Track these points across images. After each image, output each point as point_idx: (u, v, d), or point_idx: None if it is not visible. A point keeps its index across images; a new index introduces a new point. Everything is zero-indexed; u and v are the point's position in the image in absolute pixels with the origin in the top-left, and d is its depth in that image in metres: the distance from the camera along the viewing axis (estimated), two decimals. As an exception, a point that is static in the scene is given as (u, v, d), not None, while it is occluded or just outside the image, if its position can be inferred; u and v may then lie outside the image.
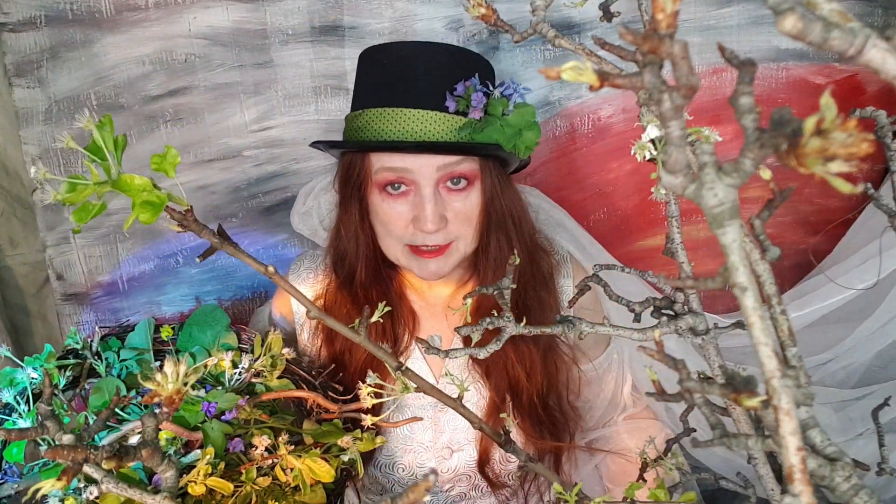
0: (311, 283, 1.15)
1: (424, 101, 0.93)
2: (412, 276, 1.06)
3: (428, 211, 0.94)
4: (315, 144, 1.03)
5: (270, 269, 0.52)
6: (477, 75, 0.95)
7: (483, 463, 1.11)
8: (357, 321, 0.57)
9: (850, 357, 1.33)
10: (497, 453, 1.12)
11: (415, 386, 0.58)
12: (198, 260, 0.51)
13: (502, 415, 0.66)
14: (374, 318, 0.58)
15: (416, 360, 1.11)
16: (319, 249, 1.19)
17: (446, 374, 0.92)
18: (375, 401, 0.62)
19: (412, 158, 0.94)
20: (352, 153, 1.00)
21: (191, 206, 0.48)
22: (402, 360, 1.04)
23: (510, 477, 1.16)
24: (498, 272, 1.03)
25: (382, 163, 0.96)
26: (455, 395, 0.60)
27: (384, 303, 0.64)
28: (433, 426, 1.12)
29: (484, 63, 1.00)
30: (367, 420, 0.65)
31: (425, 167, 0.94)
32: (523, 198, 1.07)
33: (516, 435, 1.10)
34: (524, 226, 1.05)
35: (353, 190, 1.01)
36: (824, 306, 1.32)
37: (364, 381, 0.65)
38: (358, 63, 1.03)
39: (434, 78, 0.94)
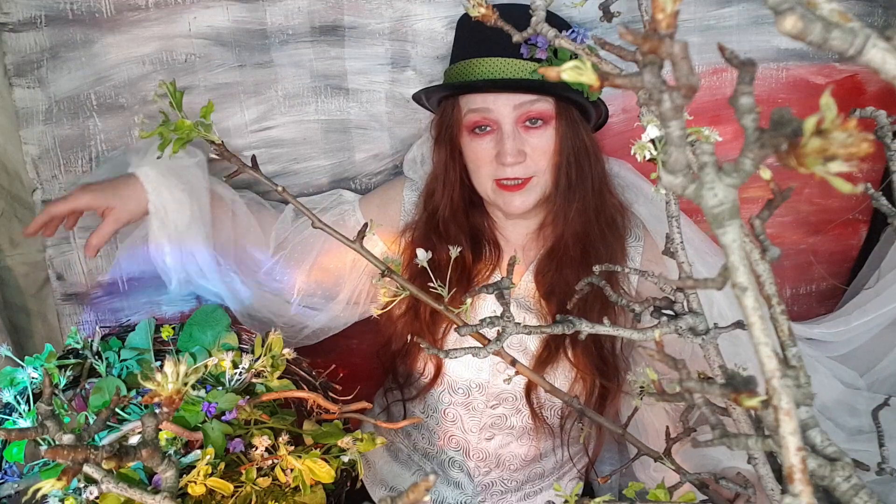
0: (413, 202, 1.26)
1: (503, 50, 1.07)
2: (497, 214, 1.20)
3: (508, 145, 1.07)
4: (417, 95, 1.18)
5: (280, 188, 0.66)
6: (545, 24, 1.04)
7: (530, 387, 1.19)
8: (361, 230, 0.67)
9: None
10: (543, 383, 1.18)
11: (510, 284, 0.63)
12: (224, 179, 0.70)
13: (462, 309, 0.69)
14: (368, 231, 0.68)
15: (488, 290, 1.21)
16: (417, 185, 1.29)
17: (514, 301, 1.15)
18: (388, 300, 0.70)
19: (492, 98, 1.07)
20: (446, 100, 1.14)
21: (223, 142, 0.66)
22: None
23: (551, 413, 1.21)
24: (563, 209, 1.14)
25: (469, 105, 1.10)
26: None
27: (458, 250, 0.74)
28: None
29: (559, 19, 1.15)
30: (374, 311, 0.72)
31: (503, 106, 1.07)
32: (599, 147, 1.17)
33: (568, 370, 1.17)
34: (594, 167, 1.15)
35: (445, 132, 1.15)
36: (886, 312, 1.31)
37: (437, 313, 0.71)
38: (456, 26, 1.20)
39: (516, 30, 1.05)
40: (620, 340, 1.19)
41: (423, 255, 0.69)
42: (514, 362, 0.65)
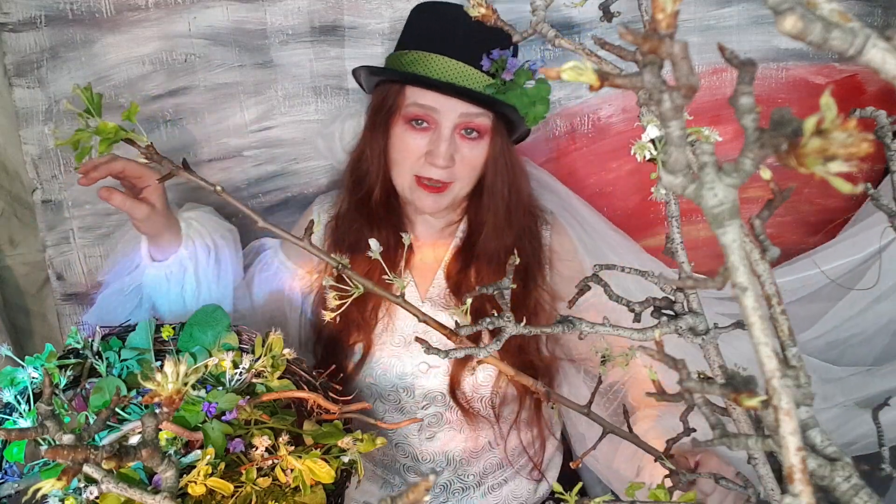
0: (327, 217, 1.28)
1: (463, 55, 1.08)
2: (410, 210, 1.22)
3: (442, 148, 1.09)
4: (357, 70, 1.18)
5: (218, 188, 0.62)
6: (511, 48, 1.10)
7: (453, 386, 1.21)
8: (341, 265, 0.66)
9: (835, 335, 1.35)
10: (468, 378, 1.21)
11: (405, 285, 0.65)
12: (158, 181, 0.68)
13: (461, 309, 0.69)
14: (316, 227, 0.69)
15: (408, 287, 1.25)
16: (331, 194, 1.31)
17: (428, 300, 1.19)
18: (339, 302, 0.68)
19: (443, 100, 1.08)
20: (388, 87, 1.14)
21: (151, 143, 0.64)
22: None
23: (483, 404, 1.23)
24: (497, 217, 1.17)
25: (415, 98, 1.10)
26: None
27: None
28: (407, 344, 1.22)
29: (513, 42, 1.12)
30: (328, 315, 0.71)
31: (450, 110, 1.09)
32: (522, 162, 1.21)
33: (490, 368, 1.18)
34: (522, 184, 1.20)
35: (382, 118, 1.14)
36: (805, 276, 1.34)
37: (364, 294, 0.74)
38: (411, 12, 1.19)
39: (475, 39, 1.09)
40: (545, 338, 1.22)
41: (375, 246, 0.68)
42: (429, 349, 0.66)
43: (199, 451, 0.83)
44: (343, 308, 0.69)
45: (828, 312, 1.35)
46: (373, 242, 0.69)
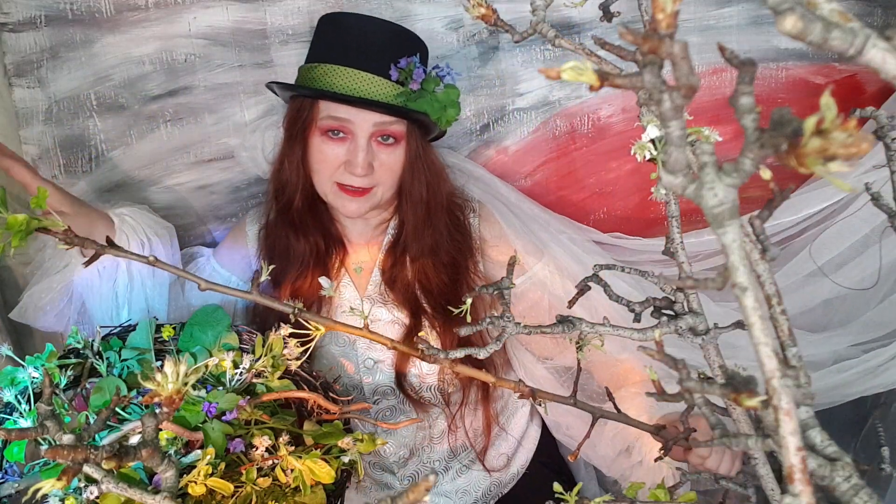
0: (257, 226, 1.31)
1: (372, 66, 1.10)
2: (339, 215, 1.24)
3: (360, 158, 1.12)
4: (270, 85, 1.19)
5: (151, 258, 0.62)
6: (418, 55, 1.13)
7: (399, 377, 1.25)
8: (295, 307, 0.66)
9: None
10: (413, 369, 1.25)
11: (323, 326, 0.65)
12: (83, 266, 0.66)
13: (421, 333, 0.69)
14: (262, 278, 0.68)
15: (346, 284, 1.27)
16: (259, 209, 1.34)
17: (367, 298, 1.22)
18: (303, 347, 0.69)
19: (355, 112, 1.11)
20: (302, 99, 1.16)
21: (68, 227, 0.61)
22: (333, 282, 1.23)
23: (432, 392, 1.26)
24: (417, 219, 1.20)
25: (329, 111, 1.12)
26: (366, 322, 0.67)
27: (271, 266, 0.73)
28: (356, 340, 1.25)
29: (423, 45, 1.19)
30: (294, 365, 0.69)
31: (364, 121, 1.11)
32: (441, 160, 1.25)
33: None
34: (442, 182, 1.23)
35: (299, 130, 1.17)
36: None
37: (298, 298, 0.72)
38: (318, 24, 1.19)
39: (383, 49, 1.12)
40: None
41: (327, 284, 0.69)
42: (393, 346, 0.67)
43: (199, 451, 0.83)
44: (308, 353, 0.70)
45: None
46: (324, 281, 0.70)
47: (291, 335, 0.70)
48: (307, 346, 0.68)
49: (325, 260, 1.24)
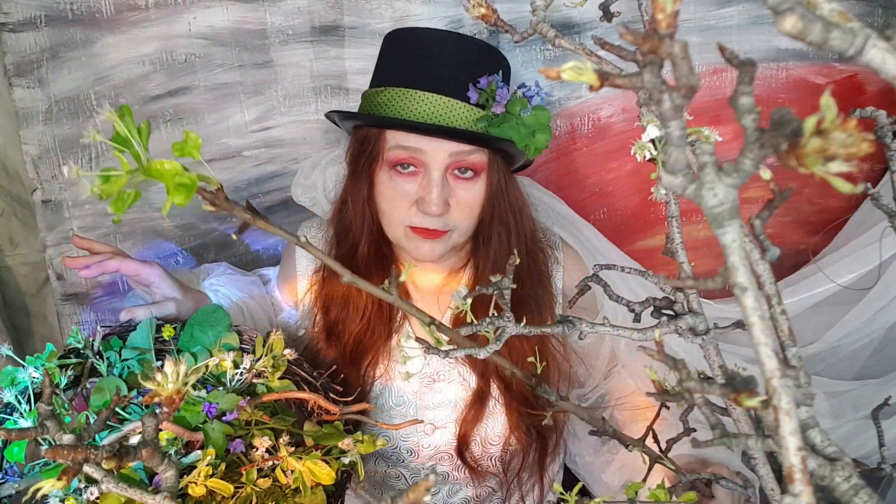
0: (305, 255, 1.18)
1: (447, 89, 0.96)
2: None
3: (434, 194, 0.97)
4: (330, 115, 1.06)
5: (303, 238, 0.52)
6: (500, 73, 0.98)
7: (462, 445, 1.13)
8: (387, 281, 0.57)
9: (839, 345, 1.35)
10: (477, 437, 1.13)
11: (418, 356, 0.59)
12: (234, 236, 0.54)
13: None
14: (402, 278, 0.58)
15: (409, 340, 1.16)
16: (315, 222, 1.22)
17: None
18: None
19: (427, 140, 0.96)
20: (367, 128, 1.02)
21: (221, 185, 0.48)
22: (395, 336, 1.11)
23: (492, 462, 1.16)
24: (495, 266, 1.06)
25: (398, 141, 0.98)
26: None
27: (396, 269, 0.65)
28: (417, 400, 1.14)
29: (505, 61, 1.03)
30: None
31: (438, 151, 0.96)
32: (526, 194, 1.10)
33: (503, 422, 1.12)
34: (525, 223, 1.08)
35: (364, 164, 1.03)
36: (815, 294, 1.34)
37: (358, 351, 0.64)
38: (384, 42, 1.05)
39: (459, 68, 0.97)
40: (556, 384, 1.14)
41: (403, 274, 0.64)
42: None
43: (199, 452, 0.83)
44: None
45: (837, 323, 1.35)
46: (395, 270, 0.63)
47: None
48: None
49: (389, 312, 1.10)
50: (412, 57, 0.99)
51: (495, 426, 1.12)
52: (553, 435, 1.15)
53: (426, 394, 1.14)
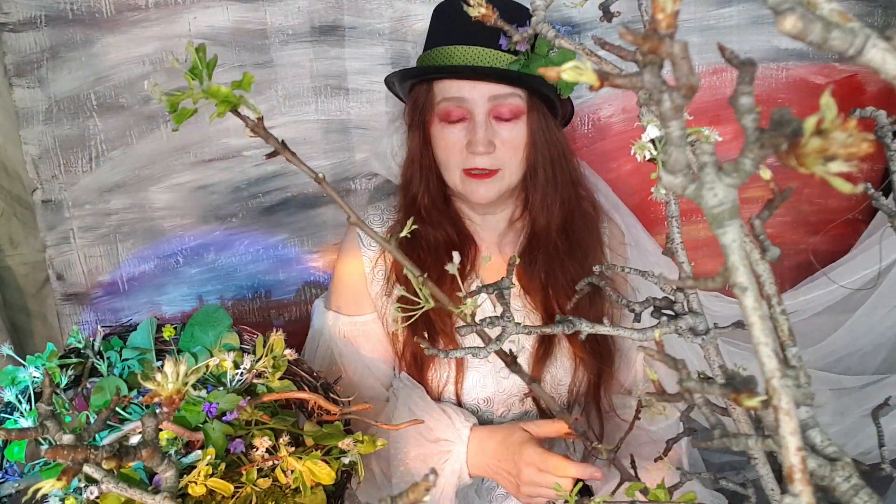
0: (379, 224, 1.22)
1: (481, 39, 1.07)
2: (468, 208, 1.20)
3: (479, 135, 1.07)
4: (389, 78, 1.16)
5: (321, 175, 0.55)
6: (528, 23, 1.03)
7: (534, 394, 1.18)
8: (420, 277, 0.59)
9: (847, 345, 1.35)
10: (548, 376, 1.19)
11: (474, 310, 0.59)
12: (265, 157, 0.57)
13: (511, 342, 0.66)
14: (404, 232, 0.61)
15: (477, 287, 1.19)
16: (380, 202, 1.25)
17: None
18: (405, 314, 0.62)
19: (468, 87, 1.07)
20: (418, 87, 1.14)
21: (262, 115, 0.54)
22: (466, 283, 1.17)
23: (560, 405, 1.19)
24: (546, 199, 1.15)
25: (443, 93, 1.10)
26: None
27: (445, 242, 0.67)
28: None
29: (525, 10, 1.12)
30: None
31: (479, 96, 1.07)
32: (568, 143, 1.18)
33: (567, 361, 1.18)
34: (570, 164, 1.17)
35: (418, 119, 1.14)
36: (825, 293, 1.34)
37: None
38: (432, 17, 1.16)
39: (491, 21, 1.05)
40: (611, 316, 1.20)
41: (456, 259, 0.62)
42: (514, 360, 0.63)
43: (199, 452, 0.83)
44: (412, 319, 0.62)
45: (845, 323, 1.36)
46: (455, 256, 0.62)
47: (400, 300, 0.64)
48: (412, 315, 0.62)
49: (462, 252, 1.16)
50: (452, 20, 1.12)
51: (563, 361, 1.19)
52: (608, 361, 1.20)
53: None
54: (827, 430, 0.45)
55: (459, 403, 1.20)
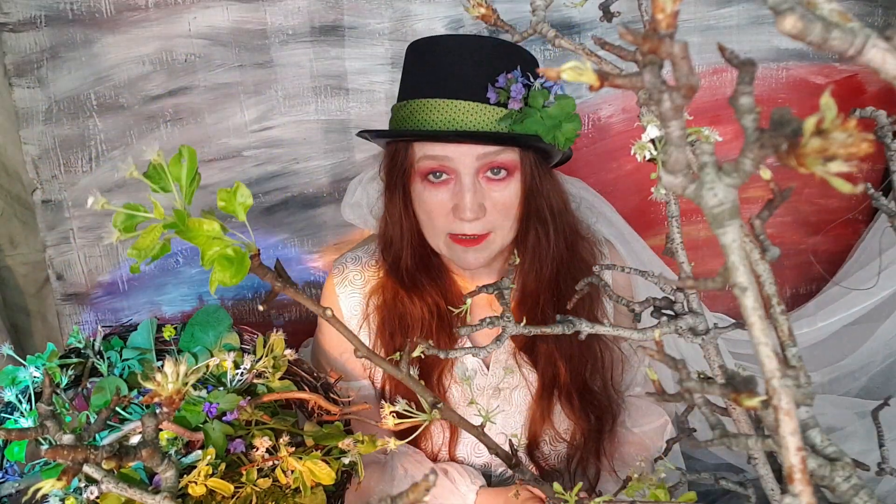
0: (360, 283, 1.15)
1: (466, 93, 0.96)
2: (455, 267, 1.10)
3: (467, 199, 0.97)
4: (361, 134, 1.07)
5: (328, 312, 0.50)
6: (519, 67, 0.96)
7: (532, 447, 1.13)
8: (399, 355, 0.56)
9: (869, 362, 1.35)
10: (546, 436, 1.13)
11: (438, 416, 0.58)
12: (261, 307, 0.49)
13: (513, 436, 0.65)
14: (415, 353, 0.57)
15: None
16: (359, 250, 1.20)
17: (496, 363, 1.07)
18: (401, 422, 0.61)
19: (453, 147, 0.96)
20: (396, 143, 1.03)
21: (258, 250, 0.43)
22: (458, 343, 1.10)
23: (559, 460, 1.17)
24: (536, 262, 1.06)
25: (425, 151, 0.98)
26: (494, 403, 0.60)
27: (426, 341, 0.63)
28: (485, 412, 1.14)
29: (528, 56, 1.02)
30: (392, 444, 0.63)
31: (465, 156, 0.96)
32: (565, 189, 1.10)
33: (562, 418, 1.13)
34: (565, 217, 1.08)
35: (397, 178, 1.04)
36: (850, 314, 1.34)
37: (426, 364, 0.64)
38: (406, 55, 1.05)
39: (477, 70, 0.97)
40: (610, 376, 1.15)
41: (468, 303, 0.61)
42: (517, 462, 0.60)
43: (199, 452, 0.83)
44: (415, 433, 0.62)
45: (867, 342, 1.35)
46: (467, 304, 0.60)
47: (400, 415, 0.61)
48: (413, 428, 0.61)
49: (448, 321, 1.08)
50: (431, 66, 1.00)
51: (562, 421, 1.13)
52: (609, 418, 1.15)
53: (493, 404, 1.13)
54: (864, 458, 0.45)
55: None
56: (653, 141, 0.58)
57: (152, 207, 0.36)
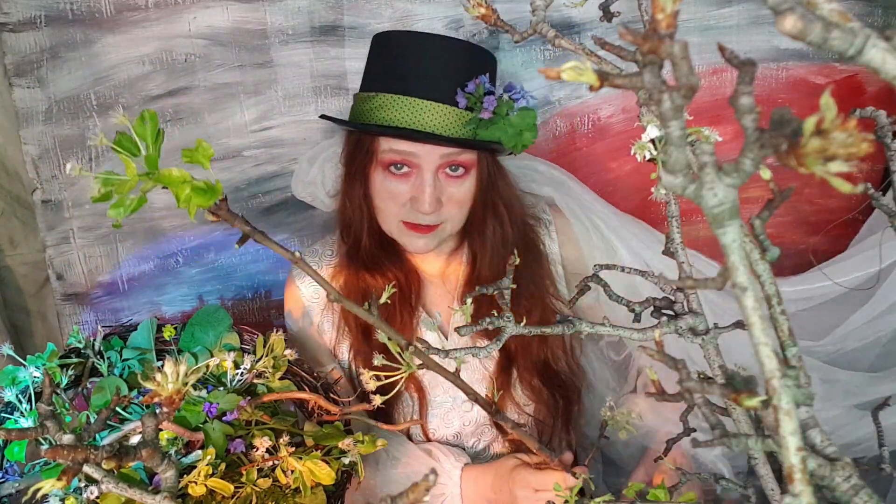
0: (323, 273, 1.19)
1: (436, 94, 1.00)
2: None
3: (427, 194, 1.02)
4: (325, 117, 1.10)
5: (297, 254, 0.52)
6: (487, 74, 1.01)
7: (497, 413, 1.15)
8: (367, 303, 0.57)
9: (843, 343, 1.35)
10: (511, 403, 1.17)
11: (418, 363, 0.59)
12: (236, 246, 0.52)
13: (463, 308, 0.67)
14: (382, 299, 0.59)
15: (425, 321, 1.18)
16: (315, 245, 1.24)
17: (456, 331, 1.04)
18: (380, 382, 0.62)
19: (419, 145, 1.01)
20: (362, 133, 1.06)
21: (225, 196, 0.48)
22: (416, 315, 1.15)
23: (530, 425, 1.20)
24: (493, 253, 1.12)
25: (391, 146, 1.03)
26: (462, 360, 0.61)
27: (392, 284, 0.66)
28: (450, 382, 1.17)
29: (491, 59, 1.07)
30: (377, 400, 0.64)
31: (430, 154, 1.01)
32: (514, 182, 1.16)
33: (526, 395, 1.17)
34: (516, 209, 1.14)
35: (359, 165, 1.08)
36: (824, 286, 1.34)
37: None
38: (372, 44, 1.09)
39: (446, 72, 1.01)
40: (569, 350, 1.19)
41: (438, 318, 0.63)
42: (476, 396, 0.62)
43: (199, 452, 0.83)
44: (393, 392, 0.63)
45: (844, 321, 1.35)
46: (425, 321, 0.62)
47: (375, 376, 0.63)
48: (391, 385, 0.62)
49: (408, 295, 1.15)
50: (401, 62, 1.03)
51: (524, 398, 1.17)
52: (574, 395, 1.18)
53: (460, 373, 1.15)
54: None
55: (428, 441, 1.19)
56: (653, 141, 0.58)
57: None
